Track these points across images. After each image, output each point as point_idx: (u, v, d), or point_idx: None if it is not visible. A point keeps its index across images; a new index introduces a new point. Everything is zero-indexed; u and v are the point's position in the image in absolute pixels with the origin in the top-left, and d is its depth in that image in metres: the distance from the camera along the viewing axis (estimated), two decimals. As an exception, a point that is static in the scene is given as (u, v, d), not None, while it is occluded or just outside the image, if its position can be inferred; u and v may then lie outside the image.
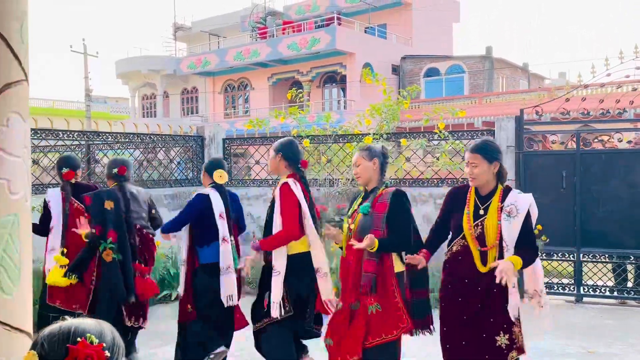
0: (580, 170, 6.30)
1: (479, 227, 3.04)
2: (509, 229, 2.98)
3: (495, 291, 2.97)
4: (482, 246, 3.02)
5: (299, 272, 3.54)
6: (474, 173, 3.07)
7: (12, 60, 1.45)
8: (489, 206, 3.06)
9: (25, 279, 1.50)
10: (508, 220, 2.99)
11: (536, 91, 20.05)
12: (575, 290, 6.38)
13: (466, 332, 3.02)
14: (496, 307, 3.00)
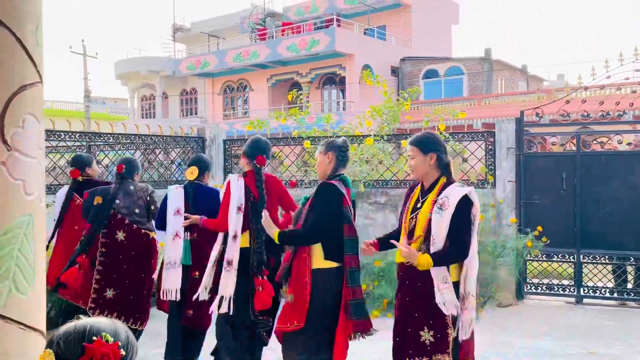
0: (581, 172, 6.33)
1: (414, 220, 2.92)
2: (438, 222, 2.80)
3: (420, 285, 2.81)
4: (410, 239, 2.89)
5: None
6: (411, 165, 3.02)
7: (27, 63, 1.47)
8: (425, 200, 2.93)
9: (39, 278, 1.52)
10: (439, 213, 2.81)
11: (535, 93, 20.10)
12: (576, 292, 6.41)
13: (397, 327, 2.89)
14: (423, 301, 2.80)
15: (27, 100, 1.47)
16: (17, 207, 1.44)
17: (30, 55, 1.47)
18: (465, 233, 2.84)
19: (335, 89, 27.05)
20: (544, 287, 6.52)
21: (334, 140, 3.43)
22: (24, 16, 1.46)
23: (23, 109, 1.45)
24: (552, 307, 6.25)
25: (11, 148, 1.42)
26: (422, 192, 2.98)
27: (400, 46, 27.28)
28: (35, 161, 1.49)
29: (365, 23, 27.09)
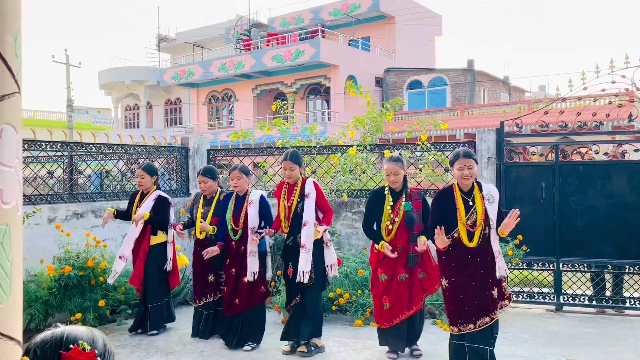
0: (559, 182, 6.45)
1: (473, 214, 3.97)
2: (492, 211, 3.98)
3: (488, 259, 3.97)
4: (473, 228, 3.95)
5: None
6: (471, 173, 3.98)
7: (5, 73, 1.48)
8: (474, 197, 4.01)
9: (16, 288, 1.52)
10: (490, 205, 3.99)
11: (517, 104, 20.39)
12: (555, 299, 6.50)
13: (472, 293, 3.92)
14: (491, 271, 3.98)
15: (5, 110, 1.47)
16: (-7, 216, 1.44)
17: (8, 66, 1.49)
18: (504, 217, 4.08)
19: (320, 99, 27.18)
20: (525, 295, 6.60)
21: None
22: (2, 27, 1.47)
23: (1, 119, 1.46)
24: (532, 315, 6.32)
25: (-12, 158, 1.42)
26: (464, 194, 4.02)
27: (385, 57, 27.55)
28: (13, 170, 1.50)
29: (350, 34, 27.32)
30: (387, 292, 4.62)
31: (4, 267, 1.42)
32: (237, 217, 5.02)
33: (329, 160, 7.35)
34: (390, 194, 4.64)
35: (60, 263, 5.52)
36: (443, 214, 4.04)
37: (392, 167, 4.55)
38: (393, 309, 4.60)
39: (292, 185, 4.93)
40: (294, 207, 4.85)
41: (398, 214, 4.55)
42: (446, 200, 4.06)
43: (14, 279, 1.49)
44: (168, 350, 5.07)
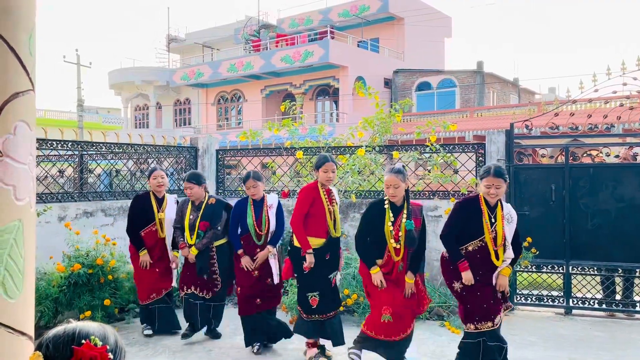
0: (569, 184, 6.40)
1: (493, 232, 4.03)
2: (509, 232, 4.08)
3: (492, 270, 4.12)
4: (495, 246, 4.04)
5: None
6: (498, 193, 4.01)
7: (20, 71, 1.50)
8: (496, 214, 4.06)
9: (28, 283, 1.53)
10: (508, 225, 4.07)
11: (526, 106, 20.29)
12: (565, 303, 6.45)
13: (489, 294, 4.09)
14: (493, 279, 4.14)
15: (19, 107, 1.49)
16: (7, 213, 1.45)
17: (23, 64, 1.50)
18: (519, 239, 4.30)
19: (328, 100, 27.19)
20: (534, 298, 6.56)
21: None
22: (17, 26, 1.49)
23: (15, 116, 1.48)
24: (541, 318, 6.28)
25: (3, 154, 1.44)
26: (489, 208, 4.07)
27: (394, 58, 27.52)
28: (27, 167, 1.52)
29: (359, 35, 27.32)
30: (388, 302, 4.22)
31: (17, 263, 1.44)
32: (260, 222, 4.96)
33: (337, 161, 7.35)
34: (391, 208, 4.26)
35: (70, 261, 5.56)
36: (465, 224, 4.07)
37: (393, 180, 4.18)
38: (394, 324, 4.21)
39: (328, 190, 4.76)
40: (337, 211, 4.75)
41: (400, 231, 4.20)
42: (471, 210, 4.07)
43: (26, 274, 1.50)
44: (176, 349, 5.09)
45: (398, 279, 4.23)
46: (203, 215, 5.19)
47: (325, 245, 4.64)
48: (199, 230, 5.17)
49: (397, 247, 4.18)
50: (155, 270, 5.41)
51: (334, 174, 4.70)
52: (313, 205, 4.60)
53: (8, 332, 1.40)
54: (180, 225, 5.30)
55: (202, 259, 5.17)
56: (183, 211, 5.31)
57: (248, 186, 4.96)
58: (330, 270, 4.68)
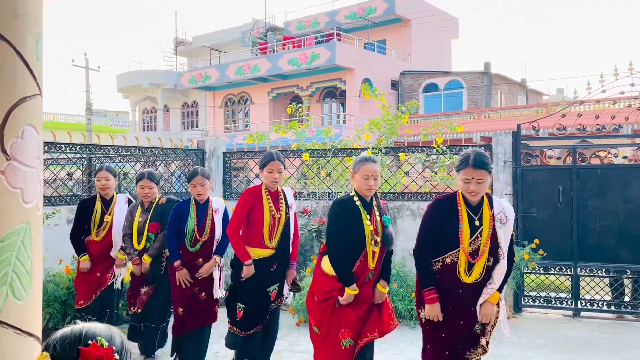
0: (577, 185, 6.37)
1: (478, 239, 3.08)
2: (503, 236, 3.07)
3: (476, 297, 3.16)
4: (474, 257, 3.08)
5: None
6: (480, 189, 3.04)
7: (27, 76, 1.52)
8: (482, 215, 3.10)
9: (36, 285, 1.55)
10: (501, 227, 3.07)
11: (534, 107, 20.21)
12: (573, 305, 6.41)
13: (458, 332, 3.16)
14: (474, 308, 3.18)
15: (26, 111, 1.51)
16: (15, 215, 1.48)
17: (30, 69, 1.53)
18: (514, 247, 3.25)
19: (335, 102, 27.21)
20: (542, 300, 6.53)
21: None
22: (24, 31, 1.51)
23: (23, 120, 1.50)
24: (550, 320, 6.25)
25: (10, 157, 1.46)
26: (471, 209, 3.11)
27: (400, 60, 27.49)
28: (34, 170, 1.54)
29: (366, 37, 27.33)
30: (348, 323, 3.42)
31: (25, 265, 1.46)
32: (202, 228, 4.34)
33: (344, 163, 7.36)
34: (362, 205, 3.46)
35: (79, 263, 5.58)
36: (439, 231, 3.13)
37: (374, 169, 3.43)
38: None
39: (274, 193, 4.13)
40: (283, 219, 4.08)
41: (377, 232, 3.43)
42: (446, 213, 3.13)
43: (34, 276, 1.53)
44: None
45: (362, 293, 3.43)
46: (153, 216, 4.68)
47: (274, 256, 4.05)
48: (148, 232, 4.66)
49: (375, 250, 3.42)
50: (96, 274, 4.90)
51: (281, 174, 4.07)
52: (252, 212, 4.02)
53: (16, 333, 1.43)
54: (130, 231, 4.77)
55: (154, 266, 4.66)
56: (132, 215, 4.80)
57: (194, 184, 4.31)
58: (271, 283, 4.08)
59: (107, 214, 4.95)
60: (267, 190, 4.07)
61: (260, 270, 4.00)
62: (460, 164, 3.08)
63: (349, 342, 3.37)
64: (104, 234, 4.91)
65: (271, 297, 4.08)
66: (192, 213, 4.34)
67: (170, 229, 4.34)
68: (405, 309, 5.79)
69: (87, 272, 4.87)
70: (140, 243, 4.69)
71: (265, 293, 4.06)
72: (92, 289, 4.89)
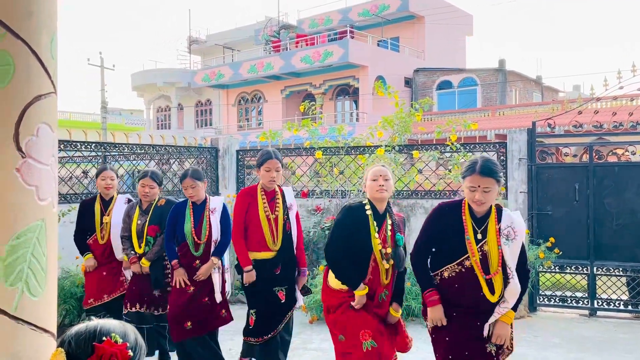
0: (594, 183, 6.29)
1: (479, 252, 2.82)
2: (511, 254, 2.81)
3: (493, 318, 2.87)
4: (486, 273, 2.82)
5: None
6: (486, 198, 2.79)
7: (42, 74, 1.53)
8: (486, 229, 2.85)
9: (51, 282, 1.57)
10: (507, 244, 2.81)
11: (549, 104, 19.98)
12: (589, 304, 6.34)
13: (469, 348, 2.88)
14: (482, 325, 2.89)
15: (41, 109, 1.53)
16: (30, 212, 1.49)
17: (45, 67, 1.54)
18: (527, 261, 2.94)
19: (348, 100, 27.16)
20: (557, 299, 6.46)
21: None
22: (39, 30, 1.53)
23: (38, 118, 1.52)
24: (565, 320, 6.18)
25: (26, 155, 1.48)
26: (475, 220, 2.86)
27: (414, 57, 27.35)
28: (49, 168, 1.55)
29: (379, 35, 27.23)
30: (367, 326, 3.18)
31: (40, 262, 1.48)
32: (200, 230, 4.18)
33: (356, 161, 7.34)
34: (373, 215, 3.24)
35: (94, 260, 5.64)
36: (442, 239, 2.93)
37: (383, 170, 3.26)
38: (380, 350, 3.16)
39: (271, 193, 3.97)
40: (281, 220, 3.92)
41: (386, 245, 3.20)
42: (448, 221, 2.91)
43: (49, 273, 1.54)
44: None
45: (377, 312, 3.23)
46: (152, 219, 4.50)
47: (276, 258, 3.91)
48: (147, 236, 4.49)
49: (387, 267, 3.20)
50: (102, 273, 4.75)
51: (279, 173, 3.89)
52: (249, 213, 3.87)
53: (31, 329, 1.44)
54: (128, 234, 4.59)
55: (156, 270, 4.47)
56: (130, 217, 4.61)
57: (185, 186, 4.18)
58: (277, 284, 3.94)
59: (106, 214, 4.77)
60: (262, 190, 3.92)
61: (264, 272, 3.88)
62: (467, 170, 2.86)
63: (370, 343, 3.12)
64: (106, 235, 4.74)
65: (280, 297, 3.93)
66: (188, 215, 4.21)
67: (168, 230, 4.23)
68: (419, 307, 5.76)
69: (93, 271, 4.71)
70: (140, 247, 4.51)
71: (272, 293, 3.91)
72: (102, 288, 4.71)
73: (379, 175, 3.23)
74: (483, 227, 2.85)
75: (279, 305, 3.94)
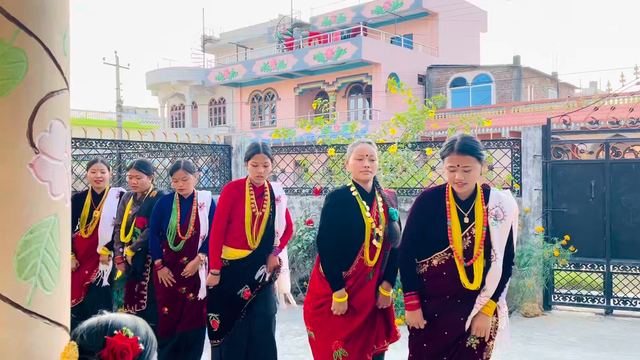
0: (610, 180, 6.21)
1: (468, 238, 2.64)
2: (499, 235, 2.63)
3: (475, 310, 2.68)
4: (468, 260, 2.63)
5: None
6: (467, 178, 2.60)
7: (55, 71, 1.55)
8: (473, 211, 2.66)
9: (64, 276, 1.59)
10: (495, 225, 2.63)
11: (565, 100, 19.76)
12: (605, 302, 6.26)
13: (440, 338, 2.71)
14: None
15: (54, 106, 1.54)
16: (43, 207, 1.51)
17: (57, 64, 1.55)
18: (514, 246, 2.75)
19: (361, 98, 27.10)
20: (572, 297, 6.39)
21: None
22: (51, 27, 1.54)
23: (51, 114, 1.53)
24: (581, 318, 6.11)
25: (39, 151, 1.49)
26: (460, 204, 2.69)
27: (427, 54, 27.20)
28: (62, 164, 1.57)
29: (392, 32, 27.11)
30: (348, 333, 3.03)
31: (53, 256, 1.50)
32: (186, 225, 4.07)
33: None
34: (361, 196, 3.08)
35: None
36: (424, 228, 2.74)
37: (367, 149, 3.07)
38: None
39: (259, 189, 3.76)
40: (266, 217, 3.71)
41: (379, 224, 3.05)
42: (433, 208, 2.73)
43: (62, 267, 1.56)
44: None
45: (361, 296, 3.04)
46: (141, 210, 4.39)
47: (251, 256, 3.68)
48: (135, 227, 4.36)
49: (377, 245, 3.04)
50: (84, 272, 4.59)
51: (267, 169, 3.67)
52: (234, 207, 3.66)
53: (45, 322, 1.46)
54: (120, 223, 4.48)
55: (137, 261, 4.32)
56: (125, 205, 4.50)
57: (176, 178, 4.04)
58: (240, 285, 3.67)
59: (97, 209, 4.59)
60: (251, 185, 3.71)
61: (232, 274, 3.64)
62: (445, 149, 2.66)
63: (341, 352, 2.99)
64: (92, 229, 4.56)
65: (244, 297, 3.66)
66: (175, 209, 4.08)
67: (153, 226, 4.08)
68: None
69: (75, 271, 4.47)
70: (126, 236, 4.39)
71: (236, 297, 3.66)
72: (81, 286, 4.52)
73: (365, 155, 3.05)
74: (470, 209, 2.67)
75: (241, 304, 3.69)
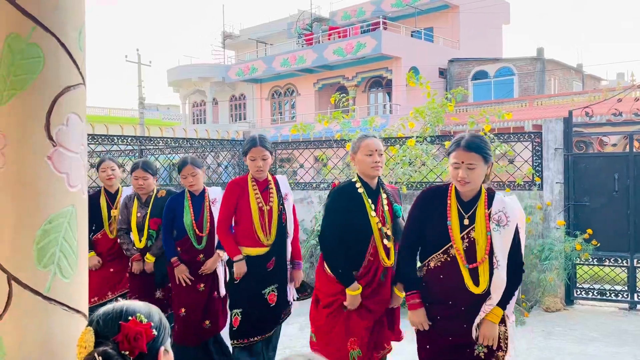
0: (634, 173, 6.09)
1: (466, 240, 2.57)
2: (500, 242, 2.54)
3: (479, 317, 2.60)
4: (471, 262, 2.56)
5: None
6: (471, 177, 2.51)
7: (71, 66, 1.59)
8: (474, 214, 2.59)
9: (82, 264, 1.64)
10: (498, 230, 2.55)
11: (589, 93, 19.38)
12: (629, 297, 6.16)
13: (454, 357, 2.64)
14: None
15: (71, 100, 1.59)
16: (61, 198, 1.56)
17: (73, 59, 1.60)
18: (521, 252, 2.64)
19: (381, 92, 26.96)
20: (595, 292, 6.29)
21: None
22: (67, 23, 1.59)
23: (67, 108, 1.58)
24: (604, 313, 6.02)
25: (56, 144, 1.54)
26: (462, 205, 2.61)
27: (448, 48, 26.91)
28: (78, 156, 1.62)
29: (413, 25, 26.90)
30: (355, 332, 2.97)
31: (71, 245, 1.55)
32: (201, 222, 3.98)
33: (387, 152, 7.30)
34: (366, 193, 3.00)
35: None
36: (427, 226, 2.67)
37: (377, 143, 2.99)
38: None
39: (263, 182, 3.67)
40: (275, 212, 3.61)
41: (385, 223, 2.99)
42: (434, 206, 2.66)
43: (80, 256, 1.61)
44: None
45: (378, 297, 2.99)
46: (152, 211, 4.22)
47: (269, 253, 3.58)
48: (149, 229, 4.22)
49: (388, 245, 2.97)
50: (109, 270, 4.47)
51: (266, 162, 3.57)
52: (239, 205, 3.57)
53: (63, 309, 1.52)
54: (127, 227, 4.35)
55: (161, 266, 4.17)
56: (128, 208, 4.35)
57: (185, 174, 3.93)
58: (267, 284, 3.59)
59: (114, 208, 4.52)
60: (253, 180, 3.62)
61: (254, 270, 3.54)
62: (451, 145, 2.61)
63: (357, 353, 2.91)
64: (115, 229, 4.47)
65: (269, 300, 3.58)
66: (187, 207, 3.98)
67: (166, 224, 3.99)
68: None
69: (99, 269, 4.40)
70: (141, 241, 4.24)
71: (260, 296, 3.57)
72: (106, 286, 4.44)
73: (374, 150, 2.96)
74: (471, 212, 2.59)
75: (268, 309, 3.59)
